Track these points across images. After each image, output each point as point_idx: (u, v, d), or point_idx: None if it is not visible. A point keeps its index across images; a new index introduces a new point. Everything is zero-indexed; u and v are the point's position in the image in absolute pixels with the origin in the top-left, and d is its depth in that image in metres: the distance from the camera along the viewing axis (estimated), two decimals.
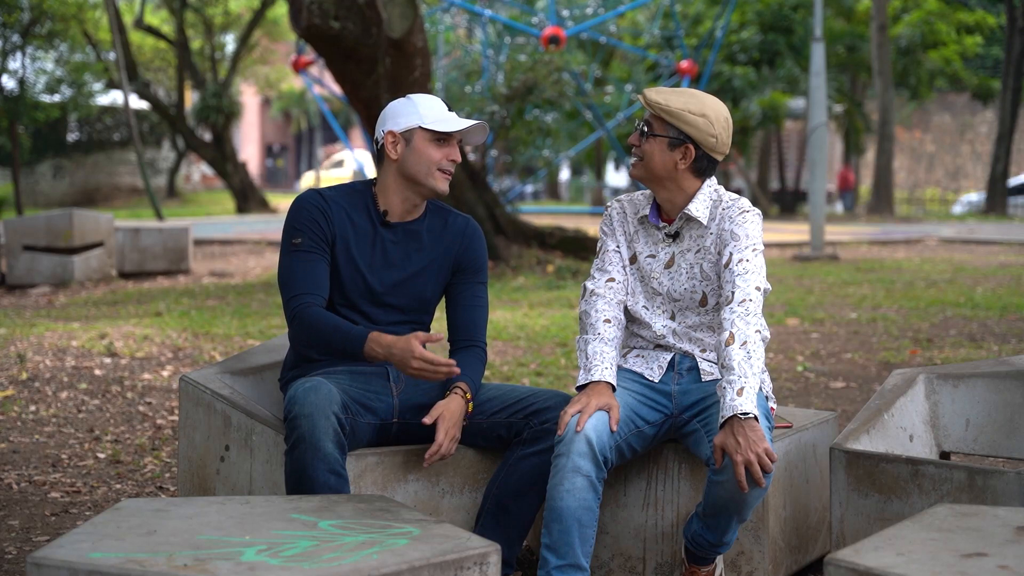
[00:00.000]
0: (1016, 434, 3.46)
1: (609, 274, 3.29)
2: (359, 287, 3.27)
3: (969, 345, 7.64)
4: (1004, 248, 17.65)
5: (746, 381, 2.90)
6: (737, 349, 2.94)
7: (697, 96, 3.18)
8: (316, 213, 3.23)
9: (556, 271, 12.15)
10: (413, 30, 10.72)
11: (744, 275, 3.07)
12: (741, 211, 3.17)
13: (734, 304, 3.03)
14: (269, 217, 25.56)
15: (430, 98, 3.29)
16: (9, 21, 20.84)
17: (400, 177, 3.26)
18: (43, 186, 30.26)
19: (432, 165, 3.22)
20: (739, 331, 2.97)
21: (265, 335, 7.98)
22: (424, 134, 3.23)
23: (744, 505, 2.98)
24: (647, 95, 3.17)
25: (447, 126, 3.22)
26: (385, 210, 3.29)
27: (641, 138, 3.18)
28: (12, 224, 12.06)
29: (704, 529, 3.09)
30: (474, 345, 3.32)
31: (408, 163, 3.24)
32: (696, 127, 3.13)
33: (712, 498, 3.00)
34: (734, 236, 3.13)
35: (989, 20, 29.62)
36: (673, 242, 3.24)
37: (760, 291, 3.07)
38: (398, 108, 3.28)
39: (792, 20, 27.91)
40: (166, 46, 30.76)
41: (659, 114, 3.14)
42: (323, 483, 2.92)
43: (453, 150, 3.25)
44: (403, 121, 3.25)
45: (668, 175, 3.18)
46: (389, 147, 3.25)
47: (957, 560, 2.14)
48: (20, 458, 4.86)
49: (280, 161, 56.10)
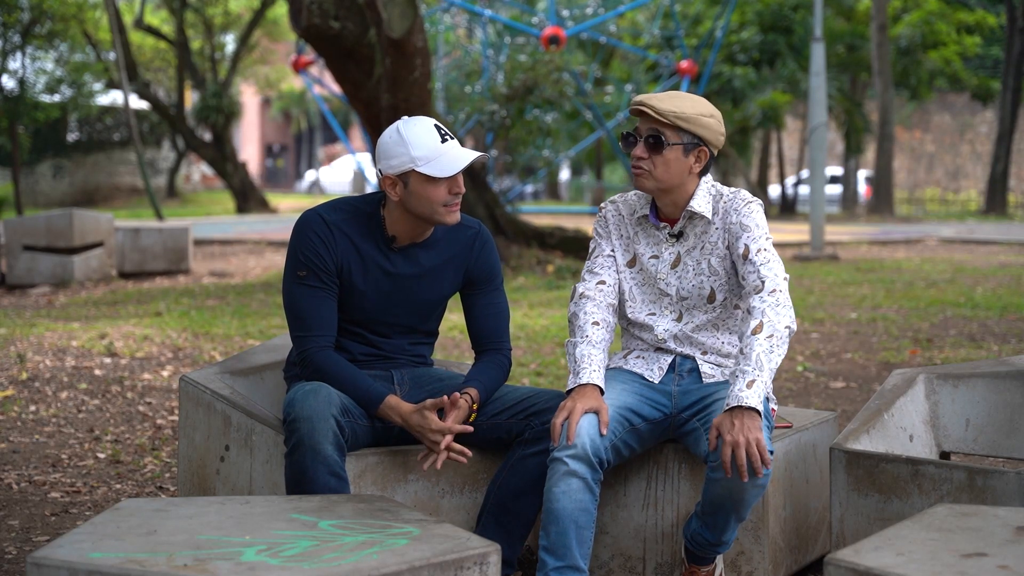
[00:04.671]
0: (1016, 434, 3.45)
1: (599, 276, 3.28)
2: (365, 312, 3.25)
3: (969, 345, 7.64)
4: (1004, 248, 17.64)
5: (759, 375, 2.91)
6: (763, 340, 2.94)
7: (696, 98, 3.18)
8: (320, 246, 3.16)
9: (556, 271, 12.16)
10: (413, 30, 10.72)
11: (767, 264, 3.07)
12: (745, 202, 3.17)
13: (764, 293, 3.02)
14: (269, 217, 25.55)
15: (420, 130, 3.10)
16: (9, 21, 20.82)
17: (406, 213, 3.18)
18: (43, 186, 30.23)
19: (435, 204, 3.11)
20: (769, 322, 2.96)
21: (265, 335, 7.98)
22: (420, 177, 3.10)
23: (742, 503, 2.97)
24: (656, 106, 3.10)
25: (440, 171, 3.08)
26: (393, 235, 3.22)
27: (651, 150, 3.12)
28: (12, 224, 12.05)
29: (703, 528, 3.09)
30: (496, 351, 3.31)
31: (411, 204, 3.14)
32: (709, 128, 3.13)
33: (710, 496, 3.00)
34: (744, 227, 3.13)
35: (989, 20, 29.60)
36: (677, 241, 3.23)
37: (787, 280, 3.08)
38: (389, 147, 3.12)
39: (792, 20, 27.89)
40: (166, 46, 30.74)
41: (673, 122, 3.09)
42: (323, 485, 2.92)
43: (455, 183, 3.13)
44: (396, 164, 3.11)
45: (679, 181, 3.16)
46: (388, 190, 3.15)
47: (957, 560, 2.14)
48: (20, 458, 4.86)
49: (280, 161, 56.08)
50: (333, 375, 3.11)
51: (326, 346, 3.17)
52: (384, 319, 3.27)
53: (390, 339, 3.31)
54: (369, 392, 3.10)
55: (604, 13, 18.64)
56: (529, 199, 33.28)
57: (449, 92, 16.93)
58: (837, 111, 27.67)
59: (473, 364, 3.31)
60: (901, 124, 36.59)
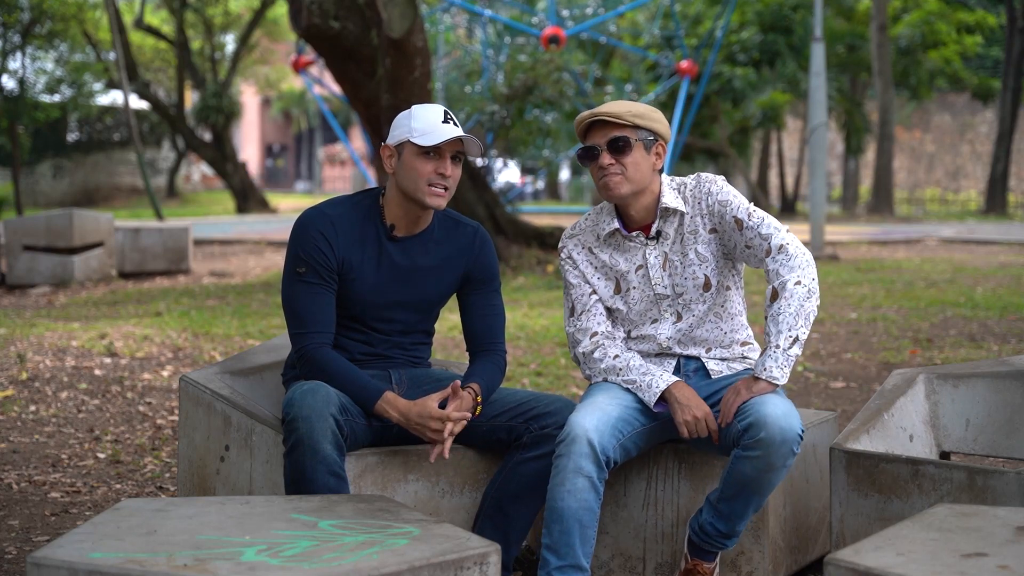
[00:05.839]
0: (1016, 434, 3.45)
1: (591, 329, 3.28)
2: (365, 306, 3.25)
3: (969, 345, 7.64)
4: (1004, 248, 17.64)
5: (778, 338, 3.00)
6: (777, 305, 3.03)
7: (631, 101, 3.28)
8: (320, 240, 3.17)
9: (556, 271, 12.16)
10: (413, 30, 10.72)
11: (763, 222, 3.12)
12: (711, 183, 3.22)
13: (774, 254, 3.08)
14: (269, 217, 25.56)
15: (427, 109, 3.19)
16: (9, 21, 20.83)
17: (398, 191, 3.22)
18: (43, 186, 30.24)
19: (421, 180, 3.14)
20: (781, 282, 3.04)
21: (265, 335, 7.98)
22: (412, 148, 3.16)
23: (766, 485, 3.00)
24: (612, 111, 3.16)
25: (428, 139, 3.13)
26: (392, 224, 3.24)
27: (618, 155, 3.15)
28: (12, 224, 12.06)
29: (716, 518, 3.09)
30: (492, 351, 3.31)
31: (400, 177, 3.20)
32: (661, 122, 3.21)
33: (735, 476, 3.01)
34: (724, 203, 3.18)
35: (989, 20, 29.58)
36: (657, 243, 3.24)
37: (791, 232, 3.12)
38: (397, 120, 3.23)
39: (792, 20, 27.88)
40: (166, 46, 30.74)
41: (632, 121, 3.15)
42: (322, 485, 2.91)
43: (443, 164, 3.15)
44: (396, 134, 3.20)
45: (648, 180, 3.21)
46: (385, 161, 3.22)
47: (957, 560, 2.14)
48: (20, 458, 4.86)
49: (280, 161, 56.06)
50: (331, 372, 3.11)
51: (324, 343, 3.17)
52: (383, 315, 3.27)
53: (388, 338, 3.31)
54: (367, 388, 3.10)
55: (604, 13, 18.64)
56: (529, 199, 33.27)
57: (449, 92, 16.93)
58: (837, 111, 27.67)
59: (470, 364, 3.31)
60: (901, 124, 36.58)
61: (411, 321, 3.33)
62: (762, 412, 2.95)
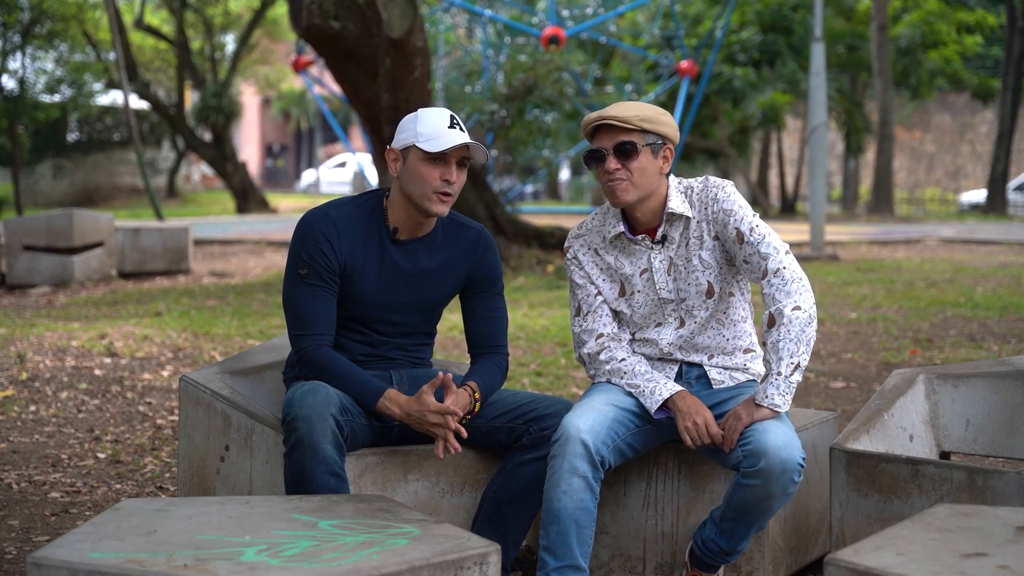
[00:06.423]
0: (1016, 434, 3.45)
1: (596, 331, 3.25)
2: (367, 308, 3.24)
3: (969, 345, 7.64)
4: (1004, 248, 17.64)
5: (779, 365, 2.99)
6: (772, 332, 3.02)
7: (640, 102, 3.21)
8: (323, 243, 3.16)
9: (556, 271, 12.16)
10: (413, 30, 10.72)
11: (764, 240, 3.09)
12: (718, 188, 3.17)
13: (770, 276, 3.05)
14: (269, 217, 25.56)
15: (434, 113, 3.16)
16: (9, 21, 20.84)
17: (402, 195, 3.20)
18: (43, 186, 30.23)
19: (426, 187, 3.12)
20: (778, 309, 3.02)
21: (265, 335, 7.98)
22: (418, 153, 3.12)
23: (768, 511, 2.99)
24: (619, 115, 3.10)
25: (435, 145, 3.10)
26: (395, 227, 3.23)
27: (624, 159, 3.10)
28: (12, 224, 12.06)
29: (718, 535, 3.08)
30: (494, 352, 3.30)
31: (405, 182, 3.17)
32: (669, 125, 3.15)
33: (737, 501, 3.00)
34: (728, 212, 3.13)
35: (989, 20, 29.59)
36: (662, 247, 3.21)
37: (790, 254, 3.09)
38: (403, 124, 3.20)
39: (792, 20, 27.89)
40: (166, 46, 30.74)
41: (639, 126, 3.09)
42: (322, 485, 2.91)
43: (449, 170, 3.12)
44: (402, 138, 3.17)
45: (655, 184, 3.15)
46: (390, 164, 3.19)
47: (957, 560, 2.14)
48: (20, 458, 4.86)
49: (280, 161, 56.07)
50: (331, 371, 3.11)
51: (324, 344, 3.16)
52: (385, 316, 3.27)
53: (390, 339, 3.30)
54: (368, 387, 3.09)
55: (604, 13, 18.64)
56: (529, 199, 33.27)
57: (449, 92, 16.92)
58: (837, 111, 27.67)
59: (471, 364, 3.31)
60: (901, 124, 36.58)
61: (413, 323, 3.32)
62: (763, 441, 2.94)
